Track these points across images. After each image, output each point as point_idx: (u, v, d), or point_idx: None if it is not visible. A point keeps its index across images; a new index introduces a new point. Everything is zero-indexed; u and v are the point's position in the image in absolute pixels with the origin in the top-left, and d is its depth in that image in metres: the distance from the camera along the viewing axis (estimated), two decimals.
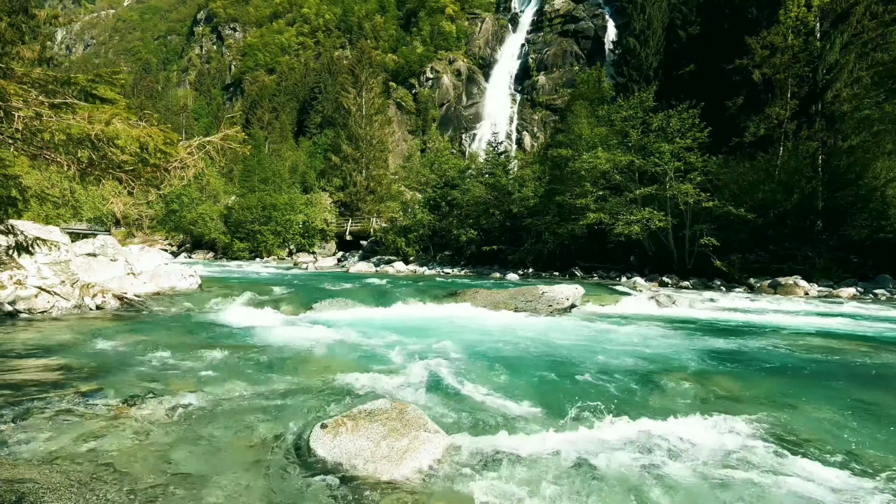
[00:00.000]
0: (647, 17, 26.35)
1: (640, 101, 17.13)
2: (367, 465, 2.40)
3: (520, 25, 68.70)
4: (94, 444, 2.60)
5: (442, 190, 25.87)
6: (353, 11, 79.12)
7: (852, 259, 14.19)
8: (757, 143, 17.22)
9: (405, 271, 21.17)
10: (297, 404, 3.35)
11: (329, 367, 4.44)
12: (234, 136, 3.75)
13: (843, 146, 15.31)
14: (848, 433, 3.05)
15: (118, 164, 3.48)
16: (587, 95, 27.82)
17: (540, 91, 59.76)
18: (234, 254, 32.37)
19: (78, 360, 4.42)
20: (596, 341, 5.93)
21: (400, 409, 2.77)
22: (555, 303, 8.34)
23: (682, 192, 15.05)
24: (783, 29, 16.82)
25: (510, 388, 3.91)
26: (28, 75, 3.36)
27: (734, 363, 4.93)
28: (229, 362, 4.49)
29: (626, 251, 17.95)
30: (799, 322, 7.77)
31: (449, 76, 65.05)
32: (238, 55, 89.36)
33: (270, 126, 63.40)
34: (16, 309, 6.57)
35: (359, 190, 37.15)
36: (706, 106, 16.22)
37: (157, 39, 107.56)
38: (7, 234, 4.65)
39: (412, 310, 8.34)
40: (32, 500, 1.86)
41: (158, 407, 3.18)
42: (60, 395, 3.30)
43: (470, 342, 5.66)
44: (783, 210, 15.46)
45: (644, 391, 3.94)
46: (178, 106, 71.04)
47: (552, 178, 20.21)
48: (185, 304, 8.07)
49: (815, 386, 4.14)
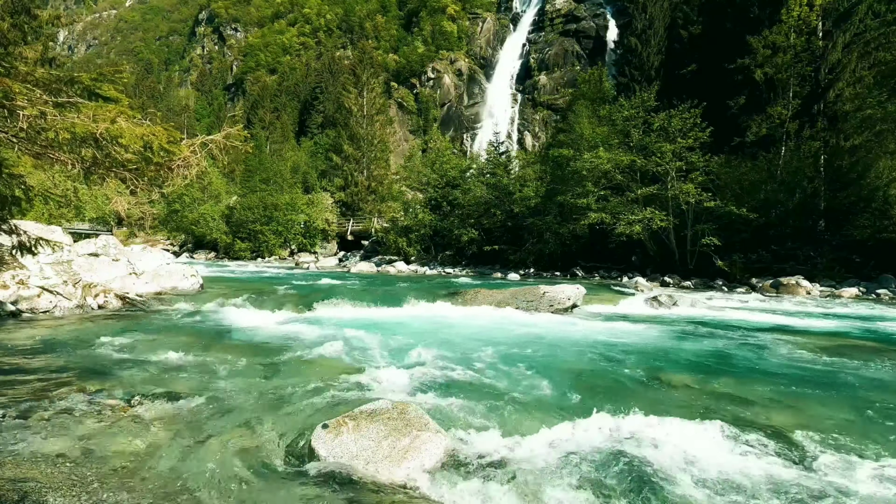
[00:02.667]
0: (648, 16, 26.33)
1: (641, 100, 17.10)
2: (368, 465, 2.40)
3: (521, 25, 68.64)
4: (96, 443, 2.61)
5: (443, 190, 25.86)
6: (355, 11, 79.14)
7: (855, 259, 14.15)
8: (759, 142, 17.18)
9: (406, 271, 21.17)
10: (299, 404, 3.35)
11: (330, 368, 4.44)
12: (236, 135, 3.75)
13: (845, 146, 15.26)
14: (851, 433, 3.04)
15: (122, 163, 3.48)
16: (588, 95, 27.79)
17: (541, 91, 59.70)
18: (235, 254, 32.40)
19: (80, 359, 4.43)
20: (598, 341, 5.92)
21: (401, 409, 2.77)
22: (556, 303, 8.33)
23: (684, 191, 15.02)
24: (785, 28, 16.78)
25: (511, 388, 3.91)
26: (32, 74, 3.37)
27: (736, 363, 4.91)
28: (231, 362, 4.49)
29: (628, 251, 17.92)
30: (801, 322, 7.75)
31: (450, 76, 65.05)
32: (240, 55, 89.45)
33: (272, 126, 63.44)
34: (18, 309, 6.58)
35: (360, 190, 37.17)
36: (708, 105, 16.18)
37: (158, 40, 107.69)
38: (10, 234, 4.66)
39: (413, 310, 8.34)
40: (35, 498, 1.86)
41: (160, 406, 3.19)
42: (63, 395, 3.31)
43: (471, 342, 5.65)
44: (785, 210, 15.42)
45: (646, 391, 3.93)
46: (179, 106, 71.10)
47: (553, 178, 20.20)
48: (186, 305, 8.08)
49: (818, 386, 4.12)
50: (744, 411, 3.42)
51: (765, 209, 15.31)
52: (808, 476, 2.43)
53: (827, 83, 16.61)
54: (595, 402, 3.36)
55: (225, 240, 33.29)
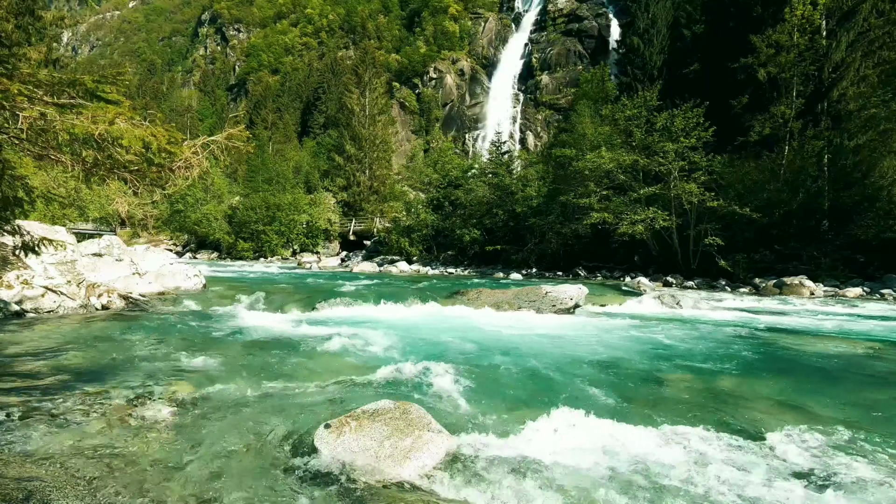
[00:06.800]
0: (651, 15, 26.27)
1: (644, 100, 17.06)
2: (370, 464, 2.40)
3: (523, 25, 68.65)
4: (99, 442, 2.62)
5: (445, 190, 25.86)
6: (357, 12, 79.26)
7: (859, 259, 14.07)
8: (762, 142, 17.10)
9: (408, 271, 21.18)
10: (301, 404, 3.35)
11: (332, 367, 4.45)
12: (238, 136, 3.76)
13: (849, 145, 15.18)
14: (857, 433, 3.02)
15: (123, 164, 3.49)
16: (591, 95, 27.76)
17: (543, 91, 59.66)
18: (238, 254, 32.51)
19: (83, 359, 4.44)
20: (600, 342, 5.90)
21: (403, 409, 2.77)
22: (559, 303, 8.32)
23: (687, 191, 14.98)
24: (788, 27, 16.69)
25: (513, 388, 3.90)
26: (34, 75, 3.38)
27: (739, 363, 4.89)
28: (233, 362, 4.50)
29: (630, 251, 17.89)
30: (804, 322, 7.72)
31: (452, 76, 65.06)
32: (242, 56, 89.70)
33: (274, 126, 63.66)
34: (22, 308, 6.61)
35: (362, 190, 37.22)
36: (711, 105, 16.12)
37: (161, 41, 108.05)
38: (14, 235, 4.68)
39: (415, 310, 8.34)
40: (39, 498, 1.86)
41: (163, 406, 3.20)
42: (66, 394, 3.32)
43: (473, 342, 5.65)
44: (788, 209, 15.35)
45: (648, 391, 3.92)
46: (182, 106, 71.41)
47: (556, 178, 20.17)
48: (189, 304, 8.10)
49: (822, 387, 4.10)
50: (749, 411, 3.41)
51: (768, 209, 15.24)
52: (810, 476, 2.42)
53: (831, 82, 16.52)
54: (598, 403, 3.36)
55: (227, 240, 33.40)
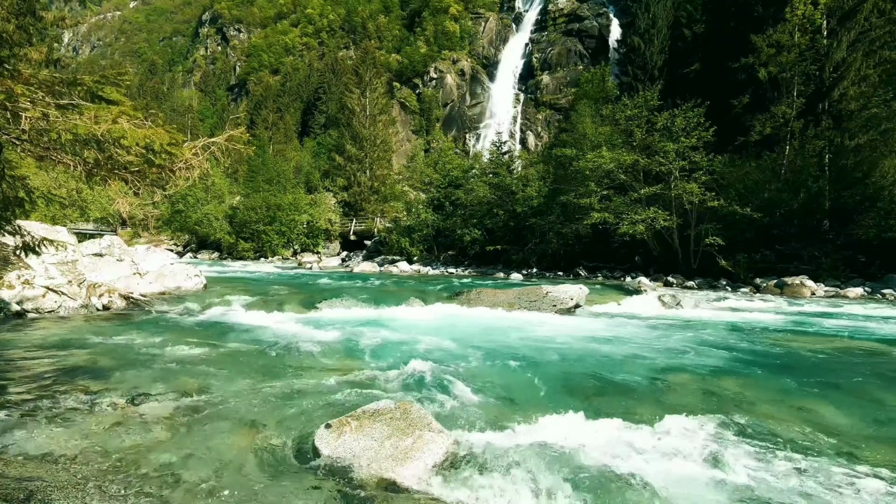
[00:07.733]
0: (651, 15, 26.25)
1: (644, 99, 17.03)
2: (371, 464, 2.40)
3: (524, 25, 68.67)
4: (100, 442, 2.62)
5: (446, 190, 25.84)
6: (357, 12, 79.29)
7: (860, 259, 14.05)
8: (763, 142, 17.08)
9: (409, 271, 21.18)
10: (302, 404, 3.35)
11: (333, 367, 4.45)
12: (238, 137, 3.76)
13: (850, 145, 15.16)
14: (857, 434, 3.02)
15: (124, 165, 3.49)
16: (591, 94, 27.73)
17: (544, 90, 59.65)
18: (238, 254, 32.51)
19: (85, 359, 4.45)
20: (601, 341, 5.90)
21: (404, 409, 2.77)
22: (559, 303, 8.32)
23: (688, 191, 14.96)
24: (789, 27, 16.68)
25: (514, 388, 3.90)
26: (35, 76, 3.39)
27: (739, 364, 4.89)
28: (234, 362, 4.50)
29: (631, 251, 17.87)
30: (805, 322, 7.71)
31: (453, 76, 65.05)
32: (243, 56, 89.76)
33: (275, 126, 63.67)
34: (24, 308, 6.62)
35: (363, 190, 37.20)
36: (711, 105, 16.09)
37: (162, 41, 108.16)
38: (15, 235, 4.69)
39: (416, 310, 8.34)
40: (40, 497, 1.87)
41: (164, 406, 3.20)
42: (67, 394, 3.33)
43: (473, 342, 5.65)
44: (789, 209, 15.33)
45: (649, 391, 3.92)
46: (183, 107, 71.41)
47: (556, 178, 20.15)
48: (190, 304, 8.10)
49: (823, 387, 4.10)
50: (750, 411, 3.40)
51: (769, 209, 15.22)
52: (811, 476, 2.42)
53: (832, 82, 16.49)
54: (599, 402, 3.36)
55: (228, 240, 33.41)
